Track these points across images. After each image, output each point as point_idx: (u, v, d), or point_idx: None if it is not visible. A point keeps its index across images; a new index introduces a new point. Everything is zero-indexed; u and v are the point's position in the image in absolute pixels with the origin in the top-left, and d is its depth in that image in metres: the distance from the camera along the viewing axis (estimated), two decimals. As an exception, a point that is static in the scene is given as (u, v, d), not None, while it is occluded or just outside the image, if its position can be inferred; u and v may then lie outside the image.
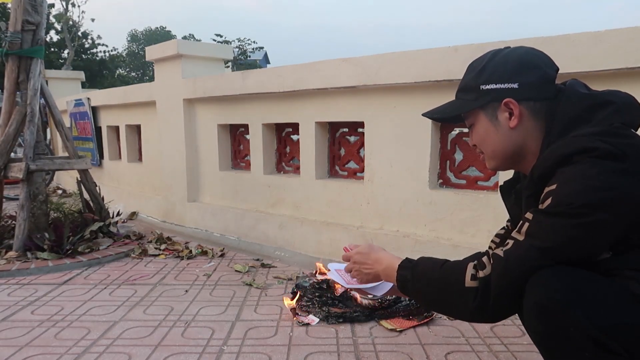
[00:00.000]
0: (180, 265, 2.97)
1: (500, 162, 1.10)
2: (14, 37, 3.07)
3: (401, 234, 2.59)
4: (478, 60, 1.10)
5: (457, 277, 0.98)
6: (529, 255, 0.89)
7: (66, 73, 7.82)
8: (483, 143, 1.10)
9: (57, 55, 24.55)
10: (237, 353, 1.77)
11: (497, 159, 1.10)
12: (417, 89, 2.49)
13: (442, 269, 1.03)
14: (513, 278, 0.91)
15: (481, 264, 0.96)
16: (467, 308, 0.96)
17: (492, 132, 1.07)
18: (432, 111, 1.17)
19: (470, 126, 1.12)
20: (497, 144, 1.07)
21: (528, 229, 0.92)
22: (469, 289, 0.95)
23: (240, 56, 33.00)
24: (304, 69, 2.96)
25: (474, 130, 1.11)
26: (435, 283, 1.03)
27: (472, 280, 0.95)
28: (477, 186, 2.46)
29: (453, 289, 0.98)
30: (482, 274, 0.94)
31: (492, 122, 1.06)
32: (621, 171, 0.85)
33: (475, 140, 1.12)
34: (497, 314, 0.97)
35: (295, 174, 3.29)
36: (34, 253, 3.01)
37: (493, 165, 1.12)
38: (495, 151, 1.09)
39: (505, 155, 1.08)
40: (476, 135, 1.11)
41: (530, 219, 0.92)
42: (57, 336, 1.93)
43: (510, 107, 1.03)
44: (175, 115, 3.92)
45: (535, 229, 0.91)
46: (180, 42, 3.80)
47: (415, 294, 1.11)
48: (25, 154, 3.13)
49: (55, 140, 6.79)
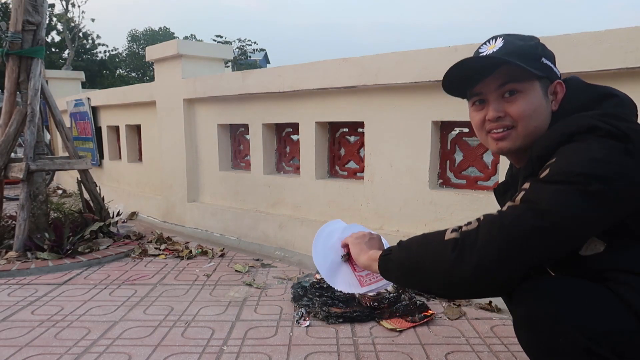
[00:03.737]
0: (180, 265, 2.97)
1: (529, 142, 0.99)
2: (15, 37, 3.07)
3: (401, 234, 2.59)
4: (522, 36, 1.03)
5: (438, 234, 0.94)
6: (526, 215, 0.83)
7: (66, 73, 7.82)
8: (529, 116, 0.98)
9: (57, 56, 24.57)
10: (237, 353, 1.77)
11: (529, 137, 0.99)
12: (417, 89, 2.49)
13: (427, 233, 1.00)
14: (505, 236, 0.83)
15: (467, 222, 0.92)
16: (443, 264, 0.88)
17: (543, 108, 0.99)
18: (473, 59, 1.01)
19: (510, 92, 0.99)
20: (542, 122, 0.99)
21: (524, 196, 0.87)
22: (447, 241, 0.89)
23: (240, 56, 33.02)
24: (304, 69, 2.96)
25: (521, 99, 0.98)
26: (415, 246, 0.99)
27: (453, 232, 0.91)
28: (477, 186, 2.46)
29: (430, 246, 0.94)
30: (466, 228, 0.90)
31: (544, 97, 1.00)
32: (624, 150, 0.84)
33: (520, 110, 0.98)
34: (476, 276, 0.84)
35: (295, 174, 3.29)
36: (34, 253, 3.01)
37: (518, 144, 1.01)
38: (537, 128, 0.99)
39: (537, 136, 0.98)
40: (523, 106, 0.98)
41: (526, 187, 0.89)
42: (57, 336, 1.93)
43: (557, 89, 1.01)
44: (175, 115, 3.92)
45: (532, 195, 0.86)
46: (180, 42, 3.80)
47: (394, 265, 1.03)
48: (25, 154, 3.13)
49: (55, 141, 6.79)
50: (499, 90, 1.00)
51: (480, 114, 1.05)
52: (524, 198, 0.87)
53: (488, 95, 1.02)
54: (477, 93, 1.04)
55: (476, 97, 1.05)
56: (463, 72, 1.03)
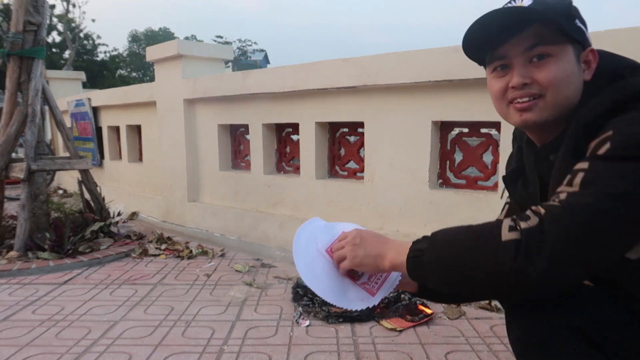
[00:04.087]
0: (180, 265, 2.98)
1: (557, 114, 0.87)
2: (16, 37, 3.08)
3: (401, 234, 2.59)
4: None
5: (490, 232, 0.74)
6: (600, 202, 0.68)
7: (67, 73, 7.83)
8: (560, 84, 0.85)
9: (58, 56, 24.60)
10: (238, 353, 1.77)
11: (558, 108, 0.86)
12: (417, 89, 2.50)
13: (468, 229, 0.79)
14: (580, 231, 0.67)
15: (523, 216, 0.73)
16: (502, 269, 0.71)
17: (575, 76, 0.86)
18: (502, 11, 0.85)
19: (539, 56, 0.85)
20: (573, 92, 0.86)
21: (585, 179, 0.72)
22: (507, 242, 0.71)
23: (240, 57, 33.03)
24: (304, 69, 2.96)
25: (552, 64, 0.85)
26: (459, 246, 0.78)
27: (511, 231, 0.71)
28: (477, 186, 2.47)
29: (485, 248, 0.74)
30: (525, 224, 0.71)
31: (577, 63, 0.87)
32: None
33: (550, 76, 0.84)
34: (546, 280, 0.69)
35: (296, 174, 3.29)
36: (35, 253, 3.02)
37: (545, 116, 0.87)
38: (567, 99, 0.86)
39: (567, 108, 0.86)
40: (554, 72, 0.84)
41: (585, 168, 0.73)
42: (57, 336, 1.93)
43: (590, 57, 0.89)
44: (176, 116, 3.92)
45: (596, 177, 0.71)
46: (180, 43, 3.81)
47: (431, 268, 0.82)
48: (26, 154, 3.14)
49: (56, 141, 6.80)
50: (527, 54, 0.86)
51: (501, 81, 0.90)
52: (586, 180, 0.72)
53: (513, 59, 0.87)
54: (499, 56, 0.89)
55: (498, 62, 0.90)
56: (487, 28, 0.86)
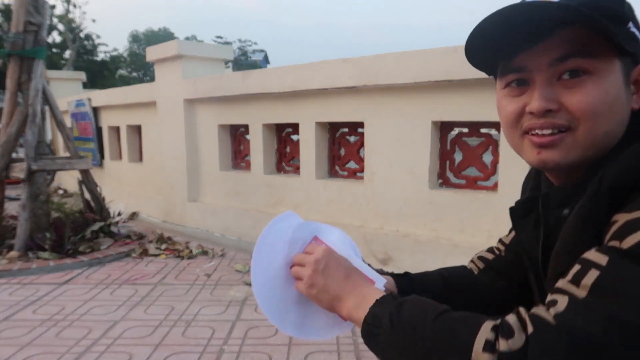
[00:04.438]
0: (180, 265, 2.98)
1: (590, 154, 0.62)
2: (16, 37, 3.08)
3: (401, 234, 2.60)
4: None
5: (463, 340, 0.54)
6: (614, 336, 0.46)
7: (67, 73, 7.84)
8: (599, 114, 0.59)
9: (59, 56, 24.62)
10: (238, 352, 1.78)
11: (592, 149, 0.61)
12: (416, 89, 2.50)
13: (437, 321, 0.58)
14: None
15: (506, 327, 0.52)
16: None
17: (621, 103, 0.60)
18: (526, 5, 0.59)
19: (572, 72, 0.60)
20: (615, 126, 0.61)
21: (598, 281, 0.50)
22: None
23: (240, 57, 33.04)
24: (304, 70, 2.96)
25: (591, 85, 0.59)
26: (421, 343, 0.58)
27: (486, 351, 0.51)
28: (476, 186, 2.47)
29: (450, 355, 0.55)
30: (507, 345, 0.50)
31: (624, 88, 0.61)
32: None
33: (587, 102, 0.59)
34: None
35: (296, 174, 3.29)
36: (36, 253, 3.02)
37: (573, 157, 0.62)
38: (607, 135, 0.60)
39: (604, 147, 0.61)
40: (593, 96, 0.59)
41: (602, 264, 0.50)
42: (58, 335, 1.94)
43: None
44: (176, 116, 3.93)
45: (613, 283, 0.49)
46: (180, 43, 3.81)
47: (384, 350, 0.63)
48: (26, 154, 3.14)
49: (56, 141, 6.81)
50: (556, 68, 0.60)
51: (516, 102, 0.64)
52: (600, 286, 0.49)
53: (535, 73, 0.62)
54: (516, 68, 0.64)
55: (514, 75, 0.64)
56: (501, 28, 0.61)
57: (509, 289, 0.86)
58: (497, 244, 0.92)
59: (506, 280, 0.86)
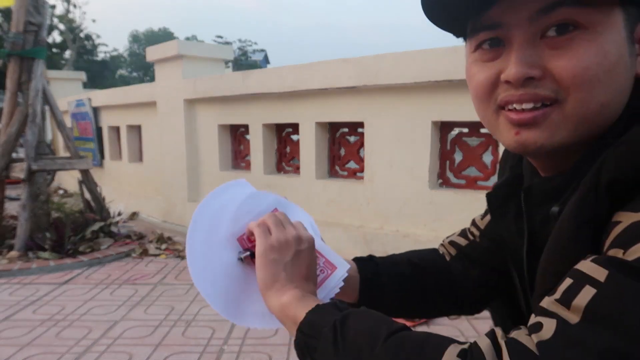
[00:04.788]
0: (180, 265, 2.98)
1: (586, 134, 0.49)
2: (16, 37, 3.08)
3: (401, 234, 2.60)
4: None
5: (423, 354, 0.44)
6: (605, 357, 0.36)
7: (67, 73, 7.84)
8: (598, 79, 0.46)
9: (59, 56, 24.64)
10: (238, 352, 1.78)
11: (584, 126, 0.48)
12: (416, 89, 2.50)
13: (389, 342, 0.46)
14: None
15: (477, 355, 0.41)
16: None
17: (623, 67, 0.47)
18: None
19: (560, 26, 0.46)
20: (621, 92, 0.48)
21: (594, 303, 0.38)
22: None
23: (240, 57, 33.04)
24: (304, 70, 2.97)
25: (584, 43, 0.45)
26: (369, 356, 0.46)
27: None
28: (476, 186, 2.47)
29: None
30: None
31: (627, 47, 0.47)
32: None
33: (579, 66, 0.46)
34: None
35: (296, 174, 3.29)
36: (36, 253, 3.02)
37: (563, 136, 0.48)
38: (606, 105, 0.47)
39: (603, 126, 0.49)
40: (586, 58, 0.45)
41: (600, 280, 0.39)
42: (58, 335, 1.94)
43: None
44: (176, 116, 3.93)
45: (612, 307, 0.37)
46: (180, 43, 3.81)
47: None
48: (26, 154, 3.14)
49: (56, 141, 6.81)
50: (540, 22, 0.47)
51: (489, 68, 0.51)
52: (593, 309, 0.38)
53: (513, 29, 0.48)
54: (489, 25, 0.50)
55: (486, 34, 0.50)
56: None
57: (485, 276, 0.74)
58: (470, 227, 0.79)
59: (481, 268, 0.74)
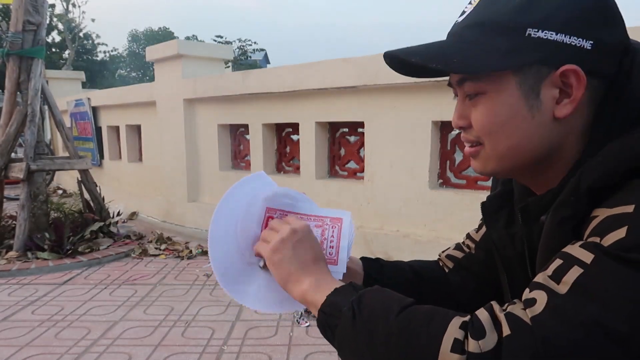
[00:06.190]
0: (180, 265, 2.98)
1: (511, 166, 0.62)
2: (15, 37, 3.08)
3: (401, 234, 2.59)
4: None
5: (429, 337, 0.50)
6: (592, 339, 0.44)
7: (66, 73, 7.84)
8: (495, 132, 0.59)
9: (58, 56, 24.62)
10: (238, 353, 1.77)
11: (508, 160, 0.61)
12: (417, 89, 2.50)
13: (401, 315, 0.54)
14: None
15: (477, 325, 0.49)
16: None
17: (523, 116, 0.58)
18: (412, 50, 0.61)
19: (471, 95, 0.61)
20: (525, 137, 0.59)
21: (580, 279, 0.46)
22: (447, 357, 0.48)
23: (240, 56, 33.04)
24: (304, 69, 2.96)
25: (482, 105, 0.59)
26: (382, 338, 0.53)
27: (455, 352, 0.48)
28: (477, 186, 2.47)
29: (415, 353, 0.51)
30: (477, 347, 0.47)
31: (526, 100, 0.57)
32: None
33: (482, 122, 0.60)
34: None
35: (295, 174, 3.29)
36: (35, 253, 3.02)
37: (491, 167, 0.63)
38: (514, 148, 0.59)
39: (527, 159, 0.60)
40: (485, 116, 0.59)
41: (586, 262, 0.47)
42: (57, 336, 1.93)
43: (571, 80, 0.55)
44: (176, 115, 3.92)
45: (596, 284, 0.46)
46: (180, 43, 3.81)
47: (341, 342, 0.58)
48: (25, 154, 3.14)
49: (55, 141, 6.80)
50: (460, 89, 0.63)
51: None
52: (580, 283, 0.46)
53: (456, 89, 0.64)
54: (449, 83, 0.66)
55: (450, 88, 0.66)
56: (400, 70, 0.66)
57: (481, 287, 0.80)
58: (465, 240, 0.86)
59: (478, 280, 0.81)
